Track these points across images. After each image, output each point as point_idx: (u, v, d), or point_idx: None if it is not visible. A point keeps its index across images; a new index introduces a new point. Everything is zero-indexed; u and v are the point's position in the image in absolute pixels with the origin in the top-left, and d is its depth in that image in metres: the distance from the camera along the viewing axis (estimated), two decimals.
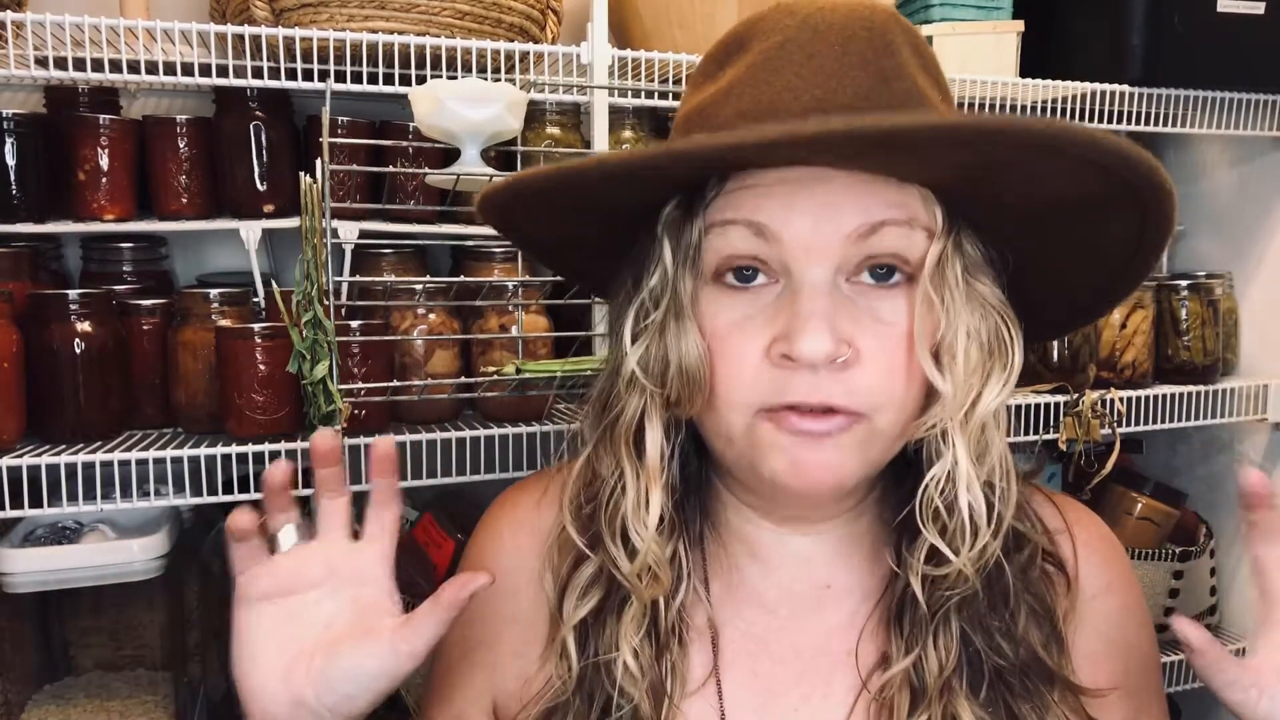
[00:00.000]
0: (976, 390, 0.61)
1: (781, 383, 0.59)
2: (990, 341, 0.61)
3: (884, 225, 0.58)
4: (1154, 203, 0.58)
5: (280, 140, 1.17)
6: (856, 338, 0.58)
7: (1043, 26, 1.34)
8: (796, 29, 0.59)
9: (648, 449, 0.65)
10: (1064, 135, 0.52)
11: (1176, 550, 1.43)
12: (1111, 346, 1.40)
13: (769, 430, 0.60)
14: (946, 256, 0.60)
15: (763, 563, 0.70)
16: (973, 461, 0.61)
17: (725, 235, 0.60)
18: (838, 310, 0.58)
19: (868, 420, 0.59)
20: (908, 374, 0.60)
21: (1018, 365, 0.63)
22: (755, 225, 0.59)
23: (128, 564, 1.09)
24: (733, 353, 0.60)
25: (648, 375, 0.63)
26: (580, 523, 0.69)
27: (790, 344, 0.57)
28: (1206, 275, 1.50)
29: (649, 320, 0.63)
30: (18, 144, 1.08)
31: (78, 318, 1.03)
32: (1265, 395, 1.44)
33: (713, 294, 0.62)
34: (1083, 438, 1.32)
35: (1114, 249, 0.63)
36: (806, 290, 0.58)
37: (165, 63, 1.02)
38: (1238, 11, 1.30)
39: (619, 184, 0.61)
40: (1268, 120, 1.39)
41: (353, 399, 1.05)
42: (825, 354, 0.57)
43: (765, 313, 0.60)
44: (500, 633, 0.73)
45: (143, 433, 1.10)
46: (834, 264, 0.59)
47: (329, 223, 1.01)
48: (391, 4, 1.07)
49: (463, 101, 0.97)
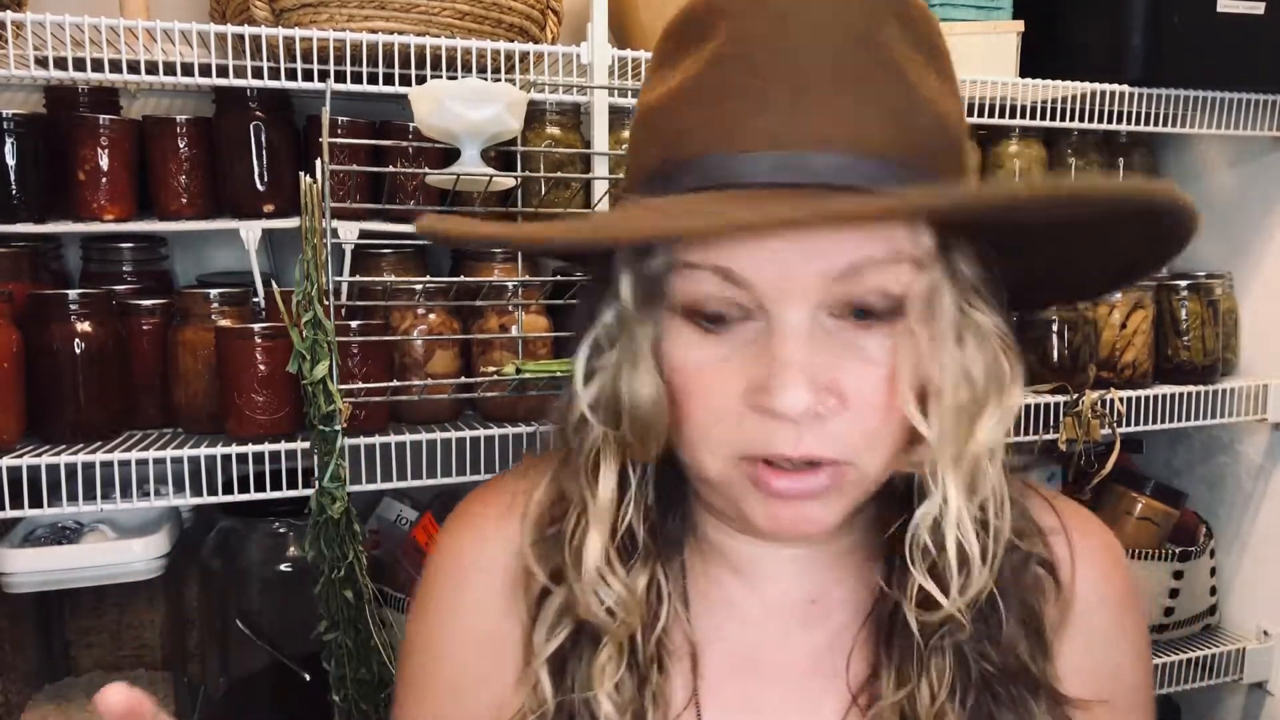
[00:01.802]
0: (967, 428, 0.56)
1: (762, 432, 0.54)
2: (985, 377, 0.57)
3: (866, 265, 0.53)
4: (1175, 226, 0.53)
5: (280, 140, 1.16)
6: (840, 379, 0.54)
7: (1043, 26, 1.34)
8: (766, 20, 0.53)
9: (600, 490, 0.61)
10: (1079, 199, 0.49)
11: (1176, 550, 1.43)
12: (1111, 346, 1.40)
13: (747, 486, 0.56)
14: (936, 287, 0.55)
15: (746, 577, 0.66)
16: (965, 498, 0.57)
17: (693, 279, 0.55)
18: (818, 353, 0.53)
19: (853, 468, 0.56)
20: (891, 415, 0.55)
21: (1017, 399, 0.58)
22: (723, 270, 0.53)
23: (128, 564, 1.09)
24: (707, 394, 0.56)
25: (600, 416, 0.59)
26: (543, 551, 0.64)
27: (768, 397, 0.52)
28: (1206, 275, 1.49)
29: (602, 359, 0.59)
30: (18, 144, 1.08)
31: (78, 318, 1.03)
32: (1265, 395, 1.44)
33: (682, 329, 0.56)
34: (1083, 438, 1.32)
35: (1126, 253, 0.59)
36: (783, 332, 0.53)
37: (165, 63, 1.02)
38: (1238, 11, 1.30)
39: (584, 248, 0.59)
40: (1268, 120, 1.39)
41: (353, 399, 1.05)
42: (803, 409, 0.52)
43: (742, 353, 0.55)
44: (466, 657, 0.67)
45: (143, 433, 1.10)
46: (811, 304, 0.53)
47: (329, 223, 1.01)
48: (391, 4, 1.07)
49: (463, 101, 0.97)
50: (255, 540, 1.19)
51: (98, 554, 1.09)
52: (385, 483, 1.09)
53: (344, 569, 1.00)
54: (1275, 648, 1.49)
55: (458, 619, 0.68)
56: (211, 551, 1.19)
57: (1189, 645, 1.47)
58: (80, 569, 1.08)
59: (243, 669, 1.18)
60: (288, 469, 1.05)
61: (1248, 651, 1.48)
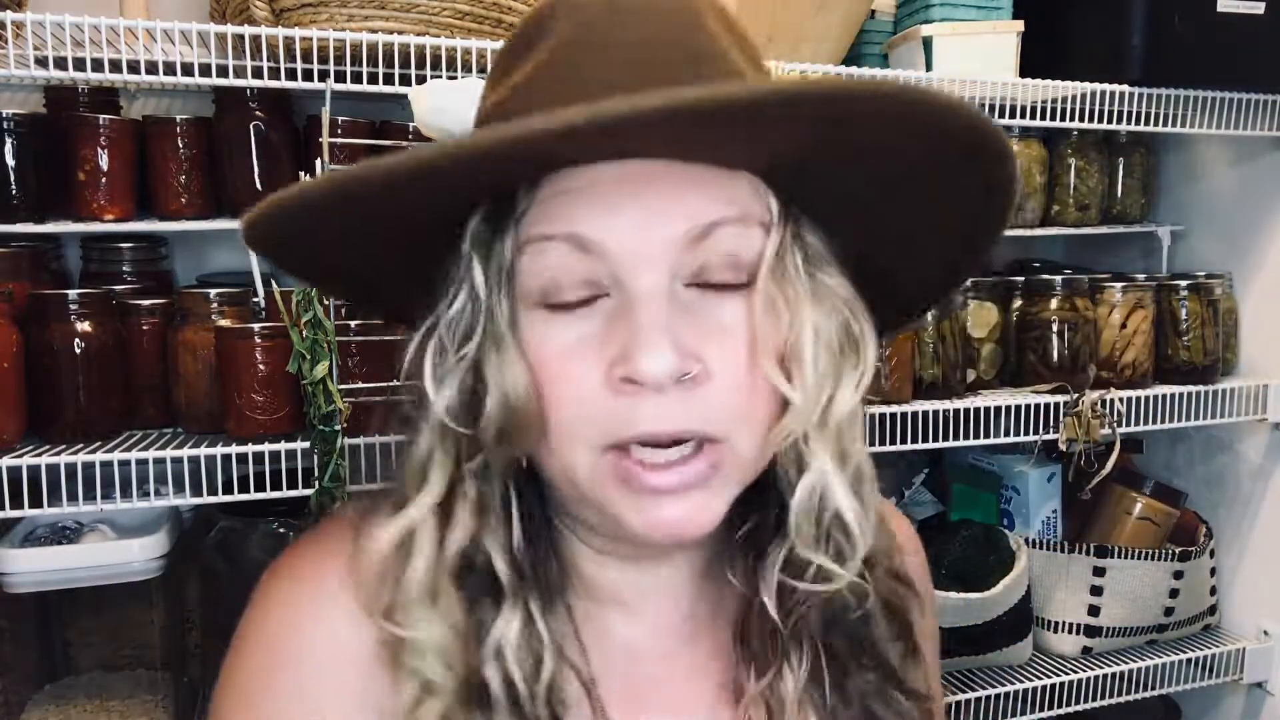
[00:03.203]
0: (829, 393, 0.56)
1: (626, 412, 0.51)
2: (840, 339, 0.56)
3: (716, 226, 0.52)
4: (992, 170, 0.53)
5: (280, 140, 1.17)
6: (702, 350, 0.52)
7: (1043, 26, 1.34)
8: (599, 8, 0.54)
9: (421, 501, 0.57)
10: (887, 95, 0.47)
11: (1176, 550, 1.43)
12: (1111, 346, 1.40)
13: (618, 486, 0.53)
14: (786, 249, 0.55)
15: (625, 606, 0.63)
16: (836, 467, 0.57)
17: (544, 254, 0.53)
18: (679, 320, 0.52)
19: (727, 447, 0.54)
20: (754, 386, 0.54)
21: (871, 361, 0.58)
22: (575, 238, 0.52)
23: (128, 564, 1.09)
24: (568, 382, 0.53)
25: (459, 419, 0.55)
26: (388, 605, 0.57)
27: (630, 363, 0.50)
28: (1206, 275, 1.50)
29: (461, 353, 0.55)
30: (18, 144, 1.08)
31: (78, 318, 1.03)
32: (1265, 395, 1.44)
33: (536, 318, 0.54)
34: (1083, 438, 1.32)
35: (955, 220, 0.59)
36: (641, 300, 0.51)
37: (165, 63, 1.02)
38: (1238, 11, 1.30)
39: (407, 193, 0.51)
40: (1268, 120, 1.39)
41: (353, 399, 1.05)
42: (670, 370, 0.50)
43: (599, 332, 0.53)
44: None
45: (143, 433, 1.10)
46: (667, 269, 0.52)
47: None
48: (391, 4, 1.07)
49: (463, 102, 0.97)
50: (255, 540, 1.18)
51: (97, 554, 1.09)
52: (385, 483, 1.08)
53: None
54: (1275, 648, 1.49)
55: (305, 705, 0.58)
56: (211, 551, 1.19)
57: (1189, 645, 1.47)
58: (80, 569, 1.08)
59: None
60: (288, 469, 1.05)
61: (1248, 651, 1.48)
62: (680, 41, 0.54)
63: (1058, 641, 1.41)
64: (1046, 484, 1.51)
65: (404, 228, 0.56)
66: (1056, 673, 1.36)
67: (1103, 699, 1.38)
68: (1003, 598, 1.31)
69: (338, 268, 0.64)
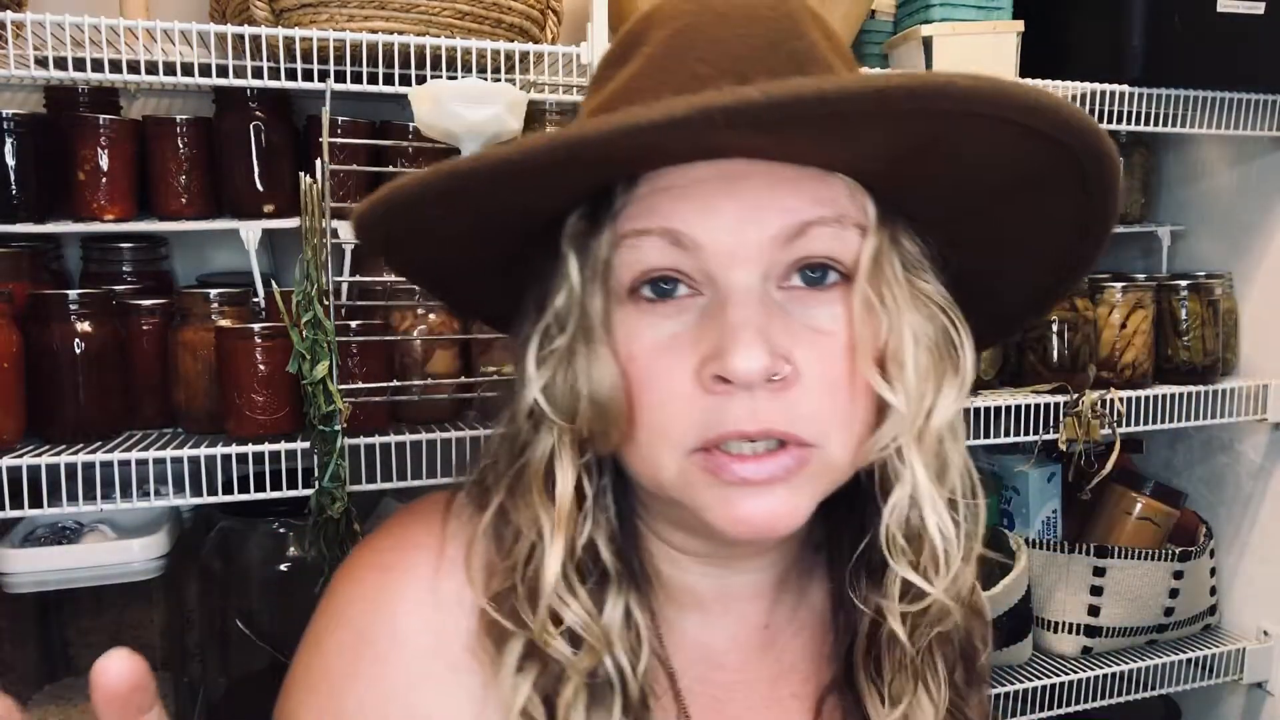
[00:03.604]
0: (930, 400, 0.55)
1: (716, 410, 0.51)
2: (940, 344, 0.56)
3: (812, 226, 0.52)
4: (1095, 171, 0.52)
5: (280, 140, 1.17)
6: (795, 352, 0.52)
7: (1043, 26, 1.34)
8: (696, 14, 0.54)
9: (558, 494, 0.56)
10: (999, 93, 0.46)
11: (1176, 550, 1.43)
12: (1111, 346, 1.40)
13: (706, 481, 0.53)
14: (883, 252, 0.54)
15: (704, 610, 0.63)
16: (934, 480, 0.56)
17: (638, 248, 0.53)
18: (771, 320, 0.51)
19: (818, 450, 0.53)
20: (854, 389, 0.53)
21: (970, 369, 0.57)
22: (671, 233, 0.52)
23: (128, 564, 1.09)
24: (658, 379, 0.53)
25: (555, 409, 0.55)
26: (499, 596, 0.57)
27: (722, 361, 0.50)
28: (1206, 275, 1.50)
29: (554, 345, 0.55)
30: (18, 144, 1.08)
31: (78, 318, 1.03)
32: (1265, 395, 1.44)
33: (629, 313, 0.54)
34: (1083, 438, 1.32)
35: (1059, 230, 0.57)
36: (735, 298, 0.51)
37: (165, 63, 1.02)
38: (1238, 11, 1.30)
39: (508, 187, 0.51)
40: (1268, 120, 1.39)
41: (353, 399, 1.05)
42: (761, 369, 0.50)
43: (691, 330, 0.53)
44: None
45: (143, 433, 1.10)
46: (761, 269, 0.52)
47: (329, 223, 1.01)
48: (391, 4, 1.07)
49: (463, 101, 0.97)
50: (255, 540, 1.19)
51: (97, 554, 1.09)
52: (385, 483, 1.09)
53: None
54: (1275, 648, 1.49)
55: (392, 699, 0.57)
56: (211, 551, 1.19)
57: (1189, 645, 1.47)
58: (80, 569, 1.08)
59: (243, 669, 1.18)
60: (288, 469, 1.05)
61: (1248, 651, 1.48)
62: (779, 45, 0.53)
63: (1057, 641, 1.41)
64: (1046, 484, 1.51)
65: (505, 229, 0.57)
66: (1056, 673, 1.36)
67: (1103, 699, 1.38)
68: (1003, 598, 1.31)
69: (440, 271, 0.65)
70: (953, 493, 0.57)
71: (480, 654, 0.57)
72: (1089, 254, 0.58)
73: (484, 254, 0.60)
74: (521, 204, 0.54)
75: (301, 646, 0.61)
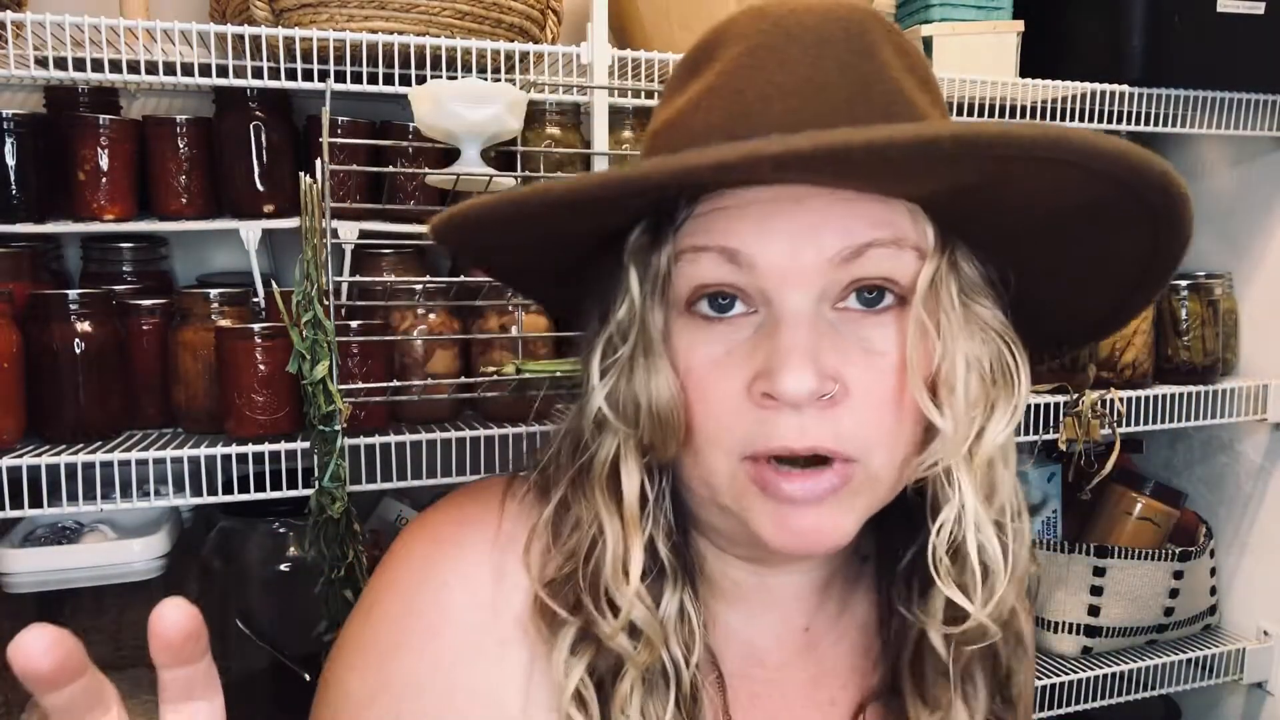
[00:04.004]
0: (980, 424, 0.55)
1: (765, 424, 0.53)
2: (993, 369, 0.56)
3: (869, 248, 0.53)
4: (1165, 210, 0.52)
5: (280, 140, 1.16)
6: (844, 371, 0.53)
7: (1043, 26, 1.34)
8: (768, 33, 0.55)
9: (625, 496, 0.58)
10: (1061, 145, 0.46)
11: (1176, 550, 1.43)
12: (1111, 346, 1.40)
13: (755, 494, 0.54)
14: (940, 277, 0.55)
15: (747, 608, 0.64)
16: (982, 502, 0.56)
17: (696, 263, 0.55)
18: (822, 341, 0.53)
19: (861, 466, 0.54)
20: (901, 409, 0.54)
21: (1025, 394, 0.57)
22: (728, 251, 0.53)
23: (128, 564, 1.09)
24: (711, 392, 0.55)
25: (618, 416, 0.57)
26: (554, 582, 0.59)
27: (771, 381, 0.52)
28: (1206, 275, 1.50)
29: (617, 356, 0.57)
30: (18, 144, 1.08)
31: (78, 318, 1.03)
32: (1265, 395, 1.44)
33: (686, 326, 0.56)
34: (1083, 438, 1.32)
35: (1125, 261, 0.58)
36: (787, 320, 0.53)
37: (165, 63, 1.02)
38: (1238, 11, 1.30)
39: (571, 211, 0.54)
40: (1268, 120, 1.40)
41: (353, 399, 1.05)
42: (808, 392, 0.51)
43: (744, 347, 0.54)
44: (461, 711, 0.59)
45: (143, 433, 1.10)
46: (816, 290, 0.53)
47: (329, 223, 1.01)
48: (391, 4, 1.07)
49: (463, 101, 0.97)
50: (255, 540, 1.18)
51: (98, 554, 1.08)
52: (385, 483, 1.09)
53: (344, 569, 1.00)
54: (1275, 648, 1.49)
55: (439, 670, 0.59)
56: (211, 551, 1.19)
57: (1189, 645, 1.47)
58: (80, 569, 1.08)
59: (243, 669, 1.18)
60: (288, 469, 1.05)
61: (1248, 651, 1.48)
62: (847, 69, 0.53)
63: (1058, 641, 1.41)
64: (1046, 484, 1.51)
65: (573, 243, 0.59)
66: (1056, 673, 1.36)
67: (1103, 699, 1.38)
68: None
69: (516, 270, 0.68)
70: (1000, 514, 0.58)
71: (532, 631, 0.59)
72: (1152, 287, 0.59)
73: (554, 264, 0.63)
74: (586, 222, 0.56)
75: (353, 613, 0.63)
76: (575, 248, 0.60)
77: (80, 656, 0.37)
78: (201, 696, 0.40)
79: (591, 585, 0.57)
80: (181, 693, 0.40)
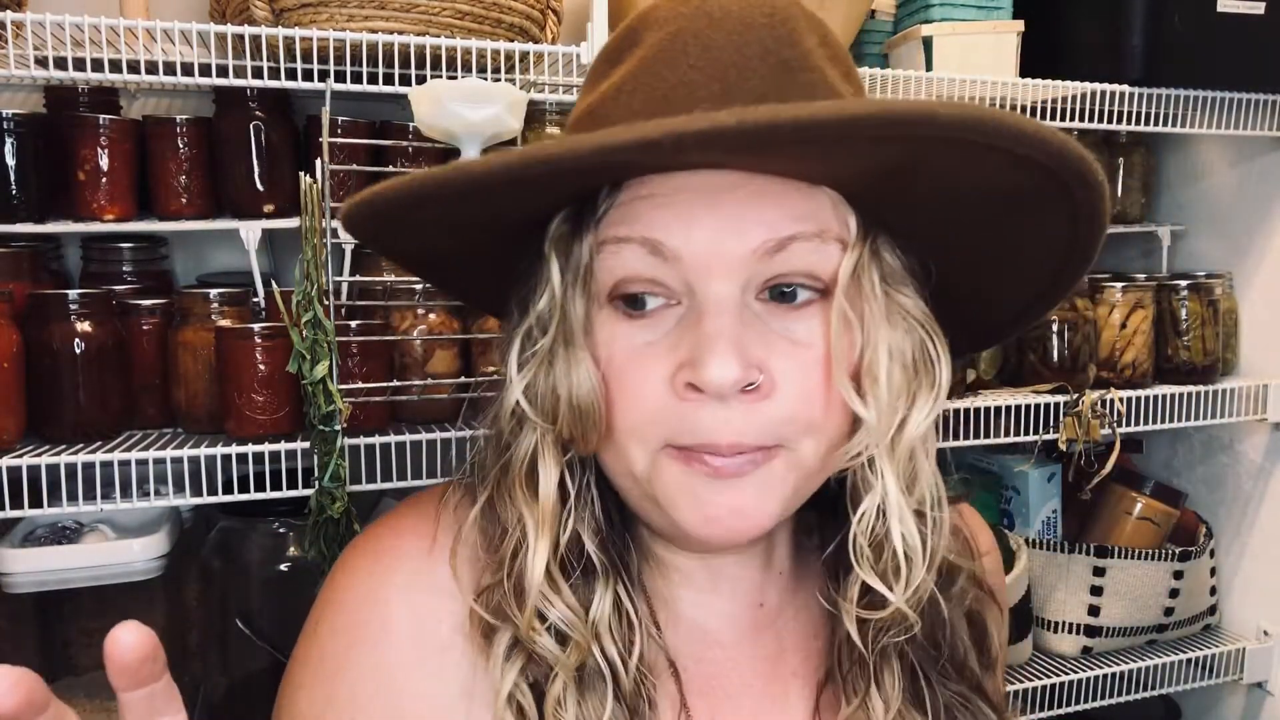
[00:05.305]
0: (902, 414, 0.55)
1: (688, 418, 0.52)
2: (915, 359, 0.56)
3: (792, 240, 0.52)
4: (1083, 199, 0.51)
5: (280, 140, 1.16)
6: (770, 362, 0.52)
7: (1043, 26, 1.34)
8: (690, 17, 0.54)
9: (540, 493, 0.57)
10: (984, 125, 0.45)
11: (1176, 550, 1.43)
12: (1111, 346, 1.40)
13: (675, 470, 0.54)
14: (863, 267, 0.54)
15: (696, 589, 0.64)
16: (903, 491, 0.57)
17: (619, 255, 0.53)
18: (747, 331, 0.52)
19: (786, 449, 0.54)
20: (827, 400, 0.54)
21: (945, 383, 0.57)
22: (651, 243, 0.52)
23: (128, 564, 1.09)
24: (632, 384, 0.54)
25: (536, 410, 0.56)
26: (489, 588, 0.58)
27: (695, 371, 0.51)
28: (1206, 275, 1.50)
29: (536, 348, 0.56)
30: (18, 144, 1.08)
31: (78, 318, 1.03)
32: (1265, 395, 1.44)
33: (607, 319, 0.55)
34: (1083, 438, 1.32)
35: (1044, 251, 0.57)
36: (711, 309, 0.52)
37: (165, 63, 1.02)
38: (1238, 11, 1.30)
39: (489, 196, 0.52)
40: (1268, 120, 1.40)
41: (353, 399, 1.05)
42: (734, 380, 0.50)
43: (668, 338, 0.53)
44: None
45: (143, 433, 1.10)
46: (740, 280, 0.52)
47: (329, 223, 1.01)
48: (391, 4, 1.07)
49: (463, 101, 0.97)
50: (255, 540, 1.19)
51: (97, 554, 1.09)
52: (385, 483, 1.09)
53: None
54: (1275, 648, 1.49)
55: (383, 683, 0.58)
56: (211, 551, 1.19)
57: (1189, 645, 1.48)
58: (80, 569, 1.08)
59: (243, 669, 1.18)
60: (288, 469, 1.05)
61: (1248, 651, 1.48)
62: (770, 54, 0.53)
63: (1057, 641, 1.41)
64: (1046, 484, 1.51)
65: (490, 227, 0.57)
66: (1056, 673, 1.36)
67: (1103, 699, 1.38)
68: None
69: (431, 259, 0.65)
70: (921, 503, 0.58)
71: (472, 637, 0.58)
72: (1070, 277, 0.59)
73: (473, 251, 0.61)
74: (503, 209, 0.55)
75: (301, 634, 0.62)
76: (499, 235, 0.59)
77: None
78: (164, 713, 0.39)
79: (515, 589, 0.57)
80: (144, 714, 0.39)
